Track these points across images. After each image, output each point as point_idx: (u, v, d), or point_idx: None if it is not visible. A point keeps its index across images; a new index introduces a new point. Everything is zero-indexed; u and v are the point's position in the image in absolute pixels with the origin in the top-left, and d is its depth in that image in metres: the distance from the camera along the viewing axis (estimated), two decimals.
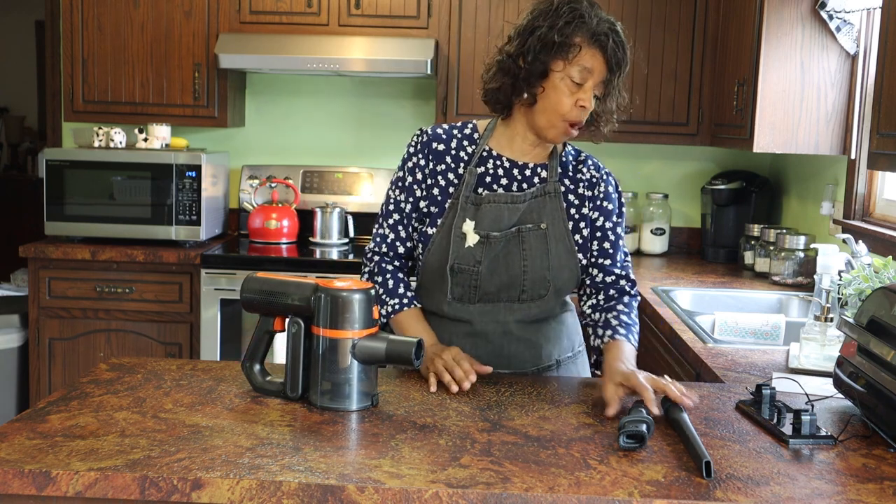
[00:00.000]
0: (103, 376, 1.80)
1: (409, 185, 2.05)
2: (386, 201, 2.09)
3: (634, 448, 1.50)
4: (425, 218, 2.04)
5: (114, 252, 3.64)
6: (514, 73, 1.92)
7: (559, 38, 1.87)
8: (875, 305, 1.68)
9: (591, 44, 1.89)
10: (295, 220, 4.02)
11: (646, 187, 4.25)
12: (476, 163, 2.01)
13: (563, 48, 1.87)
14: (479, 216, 1.97)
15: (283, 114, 4.30)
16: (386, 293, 2.03)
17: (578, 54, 1.88)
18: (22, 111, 7.94)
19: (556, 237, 2.00)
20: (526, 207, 1.99)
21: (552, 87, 1.90)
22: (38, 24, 7.35)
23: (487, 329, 2.02)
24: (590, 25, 1.89)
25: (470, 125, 2.07)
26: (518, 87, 1.92)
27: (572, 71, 1.89)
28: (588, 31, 1.88)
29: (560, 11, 1.89)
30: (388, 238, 2.07)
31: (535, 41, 1.89)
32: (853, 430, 1.64)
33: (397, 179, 2.07)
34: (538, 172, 2.02)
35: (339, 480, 1.33)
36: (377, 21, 3.85)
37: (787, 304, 3.12)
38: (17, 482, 1.33)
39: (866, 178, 3.25)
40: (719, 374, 2.10)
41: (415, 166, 2.05)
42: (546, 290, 2.01)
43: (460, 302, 2.01)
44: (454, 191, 2.01)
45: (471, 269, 1.97)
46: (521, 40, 1.92)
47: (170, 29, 3.89)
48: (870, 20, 3.17)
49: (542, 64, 1.89)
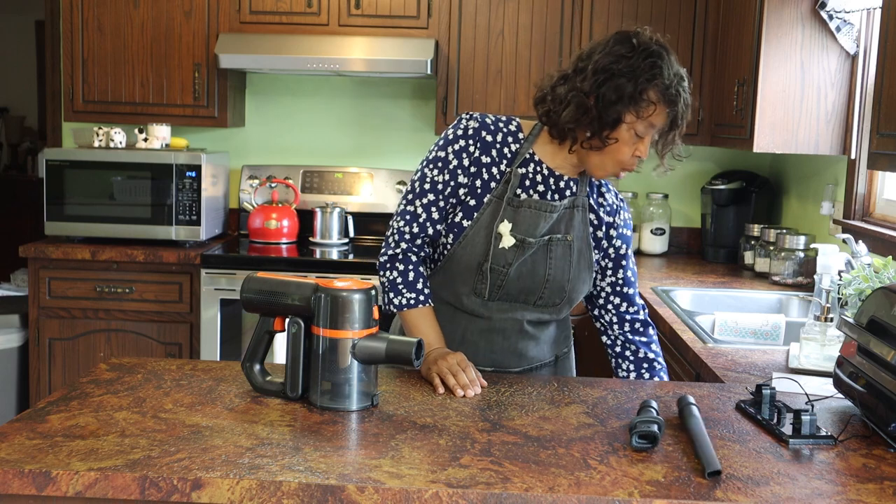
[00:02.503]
0: (103, 376, 1.80)
1: (453, 167, 1.98)
2: (420, 178, 2.00)
3: (647, 448, 1.50)
4: (458, 207, 2.00)
5: (114, 252, 3.64)
6: (591, 115, 1.88)
7: (636, 90, 1.85)
8: (875, 305, 1.68)
9: (663, 101, 1.88)
10: (295, 220, 4.02)
11: (646, 187, 4.25)
12: (520, 164, 2.00)
13: (637, 102, 1.86)
14: (516, 219, 1.97)
15: (283, 114, 4.30)
16: (405, 285, 1.99)
17: (649, 111, 1.87)
18: (22, 111, 7.95)
19: (580, 251, 2.03)
20: (557, 217, 2.01)
21: (619, 135, 1.89)
22: (38, 24, 7.35)
23: (505, 326, 2.05)
24: (665, 80, 1.86)
25: (514, 122, 2.04)
26: (594, 133, 1.89)
27: (639, 126, 1.89)
28: (662, 88, 1.86)
29: (640, 58, 1.86)
30: (419, 218, 1.99)
31: (611, 90, 1.85)
32: (853, 430, 1.64)
33: (437, 159, 1.99)
34: (570, 185, 2.03)
35: (339, 480, 1.33)
36: (377, 21, 3.85)
37: (787, 304, 3.12)
38: (17, 482, 1.33)
39: (866, 178, 3.25)
40: (719, 374, 2.10)
41: (462, 150, 1.98)
42: (562, 299, 2.04)
43: (480, 297, 2.02)
44: (495, 187, 1.98)
45: (500, 270, 1.99)
46: (596, 80, 1.87)
47: (170, 29, 3.89)
48: (870, 20, 3.17)
49: (615, 114, 1.87)
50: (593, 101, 1.87)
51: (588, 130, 1.90)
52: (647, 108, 1.86)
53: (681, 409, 1.65)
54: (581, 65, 1.91)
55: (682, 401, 1.67)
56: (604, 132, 1.88)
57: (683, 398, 1.67)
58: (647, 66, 1.85)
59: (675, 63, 1.90)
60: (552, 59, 3.85)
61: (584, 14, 3.84)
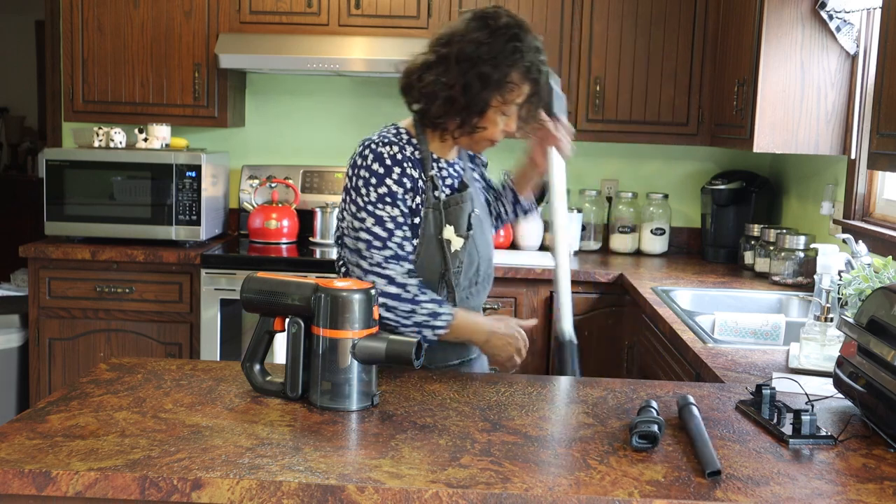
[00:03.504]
0: (103, 376, 1.80)
1: (401, 196, 1.97)
2: (378, 223, 1.95)
3: (647, 448, 1.50)
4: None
5: (114, 252, 3.64)
6: (459, 105, 1.94)
7: (500, 76, 1.92)
8: (875, 305, 1.68)
9: (526, 80, 1.95)
10: (295, 220, 4.02)
11: (646, 187, 4.25)
12: (430, 167, 2.03)
13: (502, 86, 1.93)
14: (451, 220, 2.04)
15: (283, 114, 4.30)
16: (437, 304, 1.97)
17: (514, 91, 1.95)
18: (22, 111, 7.95)
19: (484, 219, 2.16)
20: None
21: (488, 120, 1.98)
22: (38, 24, 7.35)
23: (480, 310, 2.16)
24: (527, 62, 1.93)
25: (401, 129, 2.06)
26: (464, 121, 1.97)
27: (507, 108, 1.97)
28: (524, 69, 1.94)
29: (500, 42, 1.91)
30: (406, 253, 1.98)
31: (476, 78, 1.91)
32: (853, 430, 1.64)
33: (384, 195, 1.95)
34: (459, 166, 2.14)
35: (339, 480, 1.33)
36: (377, 21, 3.85)
37: (787, 304, 3.12)
38: (17, 482, 1.33)
39: (866, 178, 3.25)
40: (719, 374, 2.10)
41: (400, 176, 1.97)
42: (493, 269, 2.21)
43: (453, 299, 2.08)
44: (422, 198, 2.01)
45: (456, 271, 2.06)
46: (460, 70, 1.92)
47: (170, 29, 3.89)
48: (870, 20, 3.17)
49: (483, 101, 1.94)
50: (460, 92, 1.93)
51: (458, 119, 1.97)
52: (513, 91, 1.94)
53: (680, 408, 1.65)
54: (443, 52, 1.96)
55: (682, 400, 1.67)
56: (473, 120, 1.96)
57: (683, 398, 1.67)
58: (509, 51, 1.92)
59: (532, 37, 1.97)
60: (552, 59, 3.85)
61: (584, 14, 3.84)
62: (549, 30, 3.84)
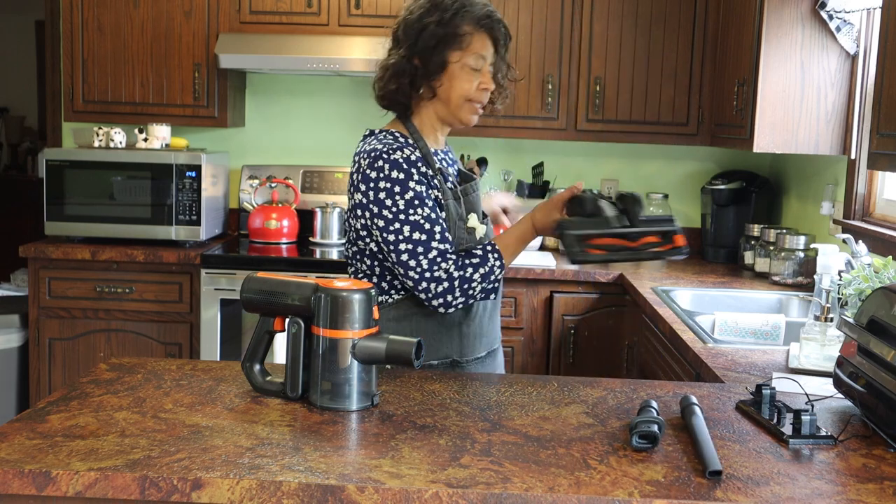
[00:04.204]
0: (103, 376, 1.80)
1: (427, 194, 1.97)
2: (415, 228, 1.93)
3: (647, 448, 1.50)
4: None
5: (114, 252, 3.64)
6: (411, 73, 1.98)
7: (450, 30, 1.96)
8: (875, 305, 1.68)
9: (479, 29, 1.99)
10: (295, 220, 4.02)
11: (646, 187, 4.25)
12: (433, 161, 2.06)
13: (456, 39, 1.97)
14: (470, 207, 2.08)
15: (283, 114, 4.30)
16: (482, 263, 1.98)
17: (471, 42, 1.98)
18: (22, 111, 7.95)
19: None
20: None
21: (453, 76, 2.00)
22: (38, 24, 7.36)
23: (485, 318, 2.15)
24: (473, 12, 1.98)
25: (395, 134, 2.06)
26: (417, 84, 2.00)
27: (468, 59, 1.99)
28: (473, 18, 1.98)
29: (443, 3, 1.97)
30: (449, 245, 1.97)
31: (427, 38, 1.96)
32: (853, 430, 1.64)
33: (412, 200, 1.94)
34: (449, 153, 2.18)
35: (339, 480, 1.33)
36: (377, 21, 3.85)
37: (787, 304, 3.12)
38: (17, 482, 1.33)
39: (866, 178, 3.25)
40: (719, 374, 2.10)
41: (420, 176, 1.97)
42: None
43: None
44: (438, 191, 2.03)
45: None
46: (409, 40, 1.98)
47: (170, 29, 3.89)
48: (870, 20, 3.17)
49: (440, 58, 1.97)
50: (419, 61, 1.98)
51: (425, 87, 2.00)
52: (467, 40, 1.98)
53: (683, 408, 1.65)
54: (395, 36, 2.03)
55: (685, 400, 1.67)
56: (438, 83, 1.99)
57: (686, 398, 1.67)
58: (455, 7, 1.97)
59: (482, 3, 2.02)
60: (552, 59, 3.85)
61: (584, 14, 3.84)
62: (549, 30, 3.84)
